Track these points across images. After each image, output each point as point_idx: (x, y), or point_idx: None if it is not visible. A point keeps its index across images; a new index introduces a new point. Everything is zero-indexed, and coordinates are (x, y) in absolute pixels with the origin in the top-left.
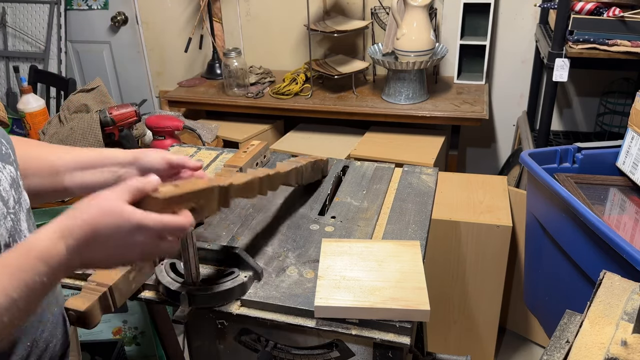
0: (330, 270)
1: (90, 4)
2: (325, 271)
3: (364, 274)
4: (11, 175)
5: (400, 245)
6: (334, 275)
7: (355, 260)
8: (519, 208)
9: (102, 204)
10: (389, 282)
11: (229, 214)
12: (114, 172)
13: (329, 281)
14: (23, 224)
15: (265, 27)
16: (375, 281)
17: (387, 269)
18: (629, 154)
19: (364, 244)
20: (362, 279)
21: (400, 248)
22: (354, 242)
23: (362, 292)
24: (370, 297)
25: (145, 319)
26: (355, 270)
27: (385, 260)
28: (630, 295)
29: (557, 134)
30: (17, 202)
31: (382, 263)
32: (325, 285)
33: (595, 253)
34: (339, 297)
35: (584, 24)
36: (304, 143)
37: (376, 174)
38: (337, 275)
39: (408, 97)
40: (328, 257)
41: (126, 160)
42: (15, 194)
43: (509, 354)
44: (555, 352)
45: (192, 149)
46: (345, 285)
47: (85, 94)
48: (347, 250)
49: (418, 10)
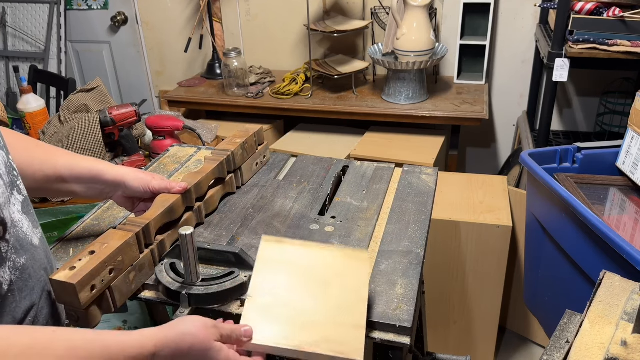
0: (263, 287)
1: (90, 4)
2: (256, 288)
3: (300, 297)
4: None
5: (348, 257)
6: (265, 294)
7: (295, 277)
8: (519, 208)
9: (195, 338)
10: (326, 315)
11: (229, 213)
12: (100, 190)
13: (257, 305)
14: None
15: (265, 27)
16: (310, 313)
17: (328, 294)
18: (629, 154)
19: (308, 249)
20: (296, 307)
21: (347, 262)
22: (298, 247)
23: (293, 327)
24: (300, 334)
25: (145, 319)
26: (291, 291)
27: (328, 282)
28: (630, 295)
29: (557, 134)
30: (8, 186)
31: (325, 285)
32: (253, 309)
33: (595, 253)
34: (266, 329)
35: (584, 24)
36: (304, 143)
37: (376, 174)
38: (268, 296)
39: (408, 97)
40: (265, 266)
41: (113, 181)
42: (7, 177)
43: (509, 354)
44: (555, 352)
45: (192, 149)
46: (276, 312)
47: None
48: (288, 258)
49: (418, 10)
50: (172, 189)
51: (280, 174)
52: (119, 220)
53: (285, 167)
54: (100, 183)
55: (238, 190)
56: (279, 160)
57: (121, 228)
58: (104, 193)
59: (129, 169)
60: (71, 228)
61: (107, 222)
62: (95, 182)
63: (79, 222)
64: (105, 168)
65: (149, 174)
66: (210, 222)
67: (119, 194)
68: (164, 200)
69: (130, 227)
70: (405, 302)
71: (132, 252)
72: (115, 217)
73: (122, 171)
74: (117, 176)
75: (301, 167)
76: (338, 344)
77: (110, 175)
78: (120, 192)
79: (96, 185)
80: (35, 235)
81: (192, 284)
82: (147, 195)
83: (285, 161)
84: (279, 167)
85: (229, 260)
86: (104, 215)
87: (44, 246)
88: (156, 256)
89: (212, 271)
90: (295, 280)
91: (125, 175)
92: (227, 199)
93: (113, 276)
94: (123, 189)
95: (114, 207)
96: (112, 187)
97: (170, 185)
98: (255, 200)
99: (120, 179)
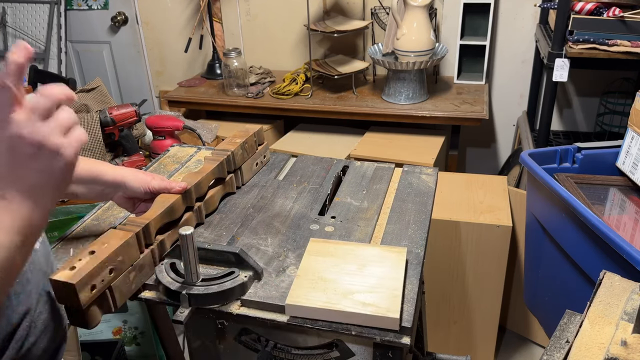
0: (310, 270)
1: (90, 4)
2: (304, 270)
3: (342, 276)
4: None
5: (387, 250)
6: (312, 275)
7: (337, 262)
8: (519, 208)
9: None
10: (364, 286)
11: (229, 213)
12: (100, 191)
13: (306, 281)
14: None
15: (265, 27)
16: (351, 285)
17: (367, 274)
18: (629, 154)
19: (351, 246)
20: (339, 282)
21: (385, 253)
22: (341, 244)
23: (336, 295)
24: (342, 300)
25: (145, 319)
26: (334, 272)
27: (366, 265)
28: (630, 295)
29: (557, 134)
30: None
31: (364, 267)
32: (301, 284)
33: (595, 253)
34: (312, 297)
35: (584, 24)
36: (304, 143)
37: (376, 174)
38: (315, 276)
39: (408, 97)
40: (311, 256)
41: (113, 182)
42: None
43: (509, 354)
44: (555, 352)
45: (192, 149)
46: (321, 286)
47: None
48: (331, 251)
49: (418, 10)
50: (171, 189)
51: (280, 174)
52: (119, 220)
53: (285, 167)
54: (100, 183)
55: (238, 190)
56: (279, 160)
57: (121, 228)
58: (104, 194)
59: (129, 170)
60: (71, 228)
61: (108, 222)
62: (95, 183)
63: (79, 222)
64: (104, 169)
65: (148, 174)
66: (210, 222)
67: (119, 194)
68: (164, 200)
69: (130, 227)
70: (405, 302)
71: (132, 252)
72: (115, 217)
73: (121, 171)
74: (116, 176)
75: (301, 167)
76: (375, 307)
77: (110, 175)
78: (121, 193)
79: (96, 186)
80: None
81: (192, 284)
82: (147, 196)
83: (285, 161)
84: (279, 167)
85: (229, 260)
86: (104, 215)
87: (44, 249)
88: (156, 256)
89: (212, 271)
90: (338, 264)
91: (125, 175)
92: (227, 199)
93: (113, 276)
94: (123, 189)
95: (114, 207)
96: (112, 188)
97: (170, 185)
98: (256, 200)
99: (120, 179)
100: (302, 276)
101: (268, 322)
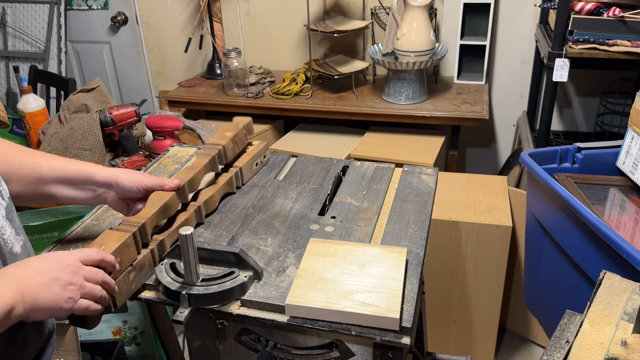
0: (310, 270)
1: (90, 4)
2: (304, 271)
3: (342, 276)
4: None
5: (387, 250)
6: (312, 275)
7: (337, 262)
8: (519, 208)
9: None
10: (364, 286)
11: (229, 213)
12: (93, 191)
13: (306, 281)
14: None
15: (265, 27)
16: (351, 285)
17: (367, 274)
18: (629, 154)
19: (351, 246)
20: (339, 282)
21: (385, 254)
22: (341, 245)
23: (336, 295)
24: (342, 300)
25: (145, 319)
26: (334, 273)
27: (366, 265)
28: (630, 295)
29: (557, 134)
30: None
31: (363, 267)
32: (301, 284)
33: (595, 253)
34: (311, 297)
35: (584, 24)
36: (304, 143)
37: (376, 174)
38: (315, 276)
39: (408, 97)
40: (311, 256)
41: (105, 182)
42: None
43: (509, 354)
44: (555, 352)
45: (192, 149)
46: (321, 286)
47: (85, 94)
48: (331, 251)
49: (418, 10)
50: (164, 186)
51: (280, 174)
52: (118, 220)
53: (285, 167)
54: (93, 184)
55: (238, 190)
56: (279, 160)
57: (118, 229)
58: (98, 195)
59: (121, 169)
60: (71, 228)
61: (107, 222)
62: (87, 183)
63: (79, 222)
64: (96, 169)
65: (141, 172)
66: (210, 222)
67: (112, 195)
68: (158, 198)
69: (126, 227)
70: (405, 302)
71: (130, 253)
72: (115, 217)
73: (113, 171)
74: (108, 176)
75: (301, 167)
76: (375, 307)
77: (102, 175)
78: (114, 193)
79: (89, 187)
80: (17, 243)
81: (192, 284)
82: (140, 194)
83: (285, 161)
84: (279, 167)
85: (229, 260)
86: (104, 216)
87: (27, 253)
88: (156, 256)
89: (212, 271)
90: (338, 264)
91: (116, 174)
92: (227, 199)
93: (112, 277)
94: (116, 188)
95: None
96: (105, 188)
97: (163, 181)
98: (255, 200)
99: (112, 179)
100: (302, 276)
101: (268, 322)
